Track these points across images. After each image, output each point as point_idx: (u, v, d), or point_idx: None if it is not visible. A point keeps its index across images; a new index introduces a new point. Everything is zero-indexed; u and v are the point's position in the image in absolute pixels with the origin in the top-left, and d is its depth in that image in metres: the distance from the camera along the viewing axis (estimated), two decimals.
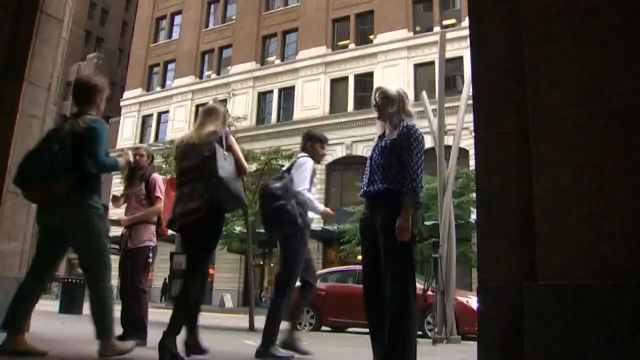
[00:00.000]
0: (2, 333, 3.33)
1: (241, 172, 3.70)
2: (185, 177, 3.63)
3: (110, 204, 4.96)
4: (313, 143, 4.54)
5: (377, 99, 3.57)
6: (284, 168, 4.37)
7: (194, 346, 3.79)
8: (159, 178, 5.08)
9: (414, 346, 3.24)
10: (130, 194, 5.02)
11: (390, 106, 3.50)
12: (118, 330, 4.67)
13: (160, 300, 25.21)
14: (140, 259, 4.82)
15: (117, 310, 3.71)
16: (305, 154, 4.33)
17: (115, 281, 5.42)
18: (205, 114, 3.90)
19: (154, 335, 4.63)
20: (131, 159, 3.98)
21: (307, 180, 4.13)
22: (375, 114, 3.70)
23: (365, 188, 3.47)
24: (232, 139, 3.79)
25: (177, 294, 3.65)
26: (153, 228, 4.96)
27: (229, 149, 3.65)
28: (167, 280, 23.99)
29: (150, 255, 4.88)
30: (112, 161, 3.49)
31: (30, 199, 3.55)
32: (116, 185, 24.52)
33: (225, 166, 3.46)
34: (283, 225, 4.01)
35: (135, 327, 4.61)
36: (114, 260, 3.77)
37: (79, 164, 3.22)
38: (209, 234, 3.59)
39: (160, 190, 4.91)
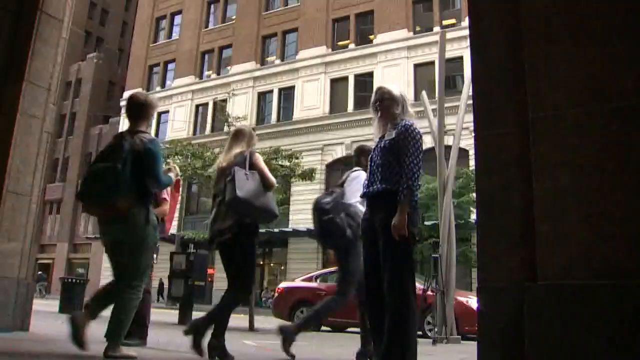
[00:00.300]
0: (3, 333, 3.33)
1: (268, 187, 3.97)
2: (219, 198, 3.95)
3: None
4: (366, 157, 4.74)
5: (382, 99, 3.55)
6: (338, 182, 4.58)
7: (218, 348, 3.88)
8: None
9: (414, 345, 3.24)
10: None
11: (395, 106, 3.51)
12: None
13: (157, 300, 25.21)
14: None
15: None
16: (359, 168, 4.46)
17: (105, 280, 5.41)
18: (232, 136, 4.27)
19: (154, 336, 4.63)
20: (178, 172, 4.29)
21: (359, 193, 4.23)
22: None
23: (365, 189, 3.48)
24: (257, 156, 4.11)
25: (222, 302, 3.95)
26: None
27: (253, 166, 3.92)
28: (161, 280, 23.98)
29: (154, 256, 4.87)
30: (168, 179, 3.74)
31: (91, 214, 3.84)
32: None
33: (245, 186, 3.76)
34: (333, 237, 4.32)
35: (138, 327, 4.61)
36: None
37: (139, 182, 3.40)
38: (243, 249, 3.91)
39: (167, 191, 4.90)
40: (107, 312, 3.39)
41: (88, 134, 39.74)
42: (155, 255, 4.88)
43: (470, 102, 3.27)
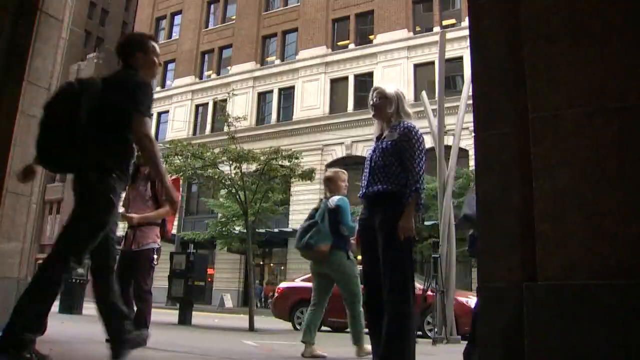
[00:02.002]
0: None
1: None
2: None
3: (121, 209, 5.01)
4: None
5: (375, 99, 3.56)
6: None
7: None
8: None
9: (413, 344, 3.24)
10: (135, 194, 4.94)
11: (388, 106, 3.50)
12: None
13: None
14: (146, 261, 4.78)
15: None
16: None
17: None
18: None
19: (154, 336, 4.63)
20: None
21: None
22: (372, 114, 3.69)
23: (364, 190, 3.48)
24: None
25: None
26: (157, 230, 4.93)
27: None
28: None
29: (155, 256, 4.86)
30: (354, 224, 4.55)
31: (305, 257, 5.14)
32: None
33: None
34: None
35: (139, 327, 4.61)
36: None
37: (334, 229, 4.88)
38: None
39: None
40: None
41: None
42: (156, 257, 4.87)
43: (470, 102, 3.27)
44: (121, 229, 5.06)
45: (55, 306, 11.56)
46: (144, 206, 4.84)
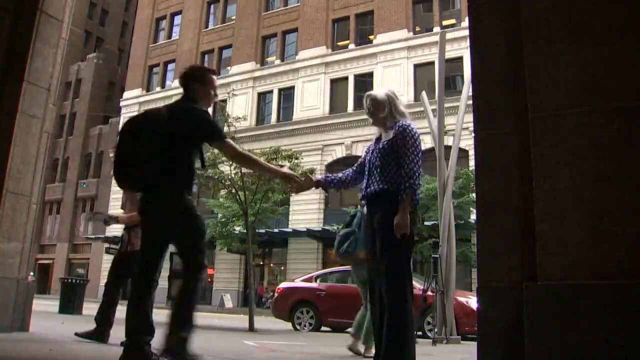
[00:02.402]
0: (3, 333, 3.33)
1: None
2: None
3: (121, 211, 5.14)
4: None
5: (369, 106, 3.58)
6: None
7: None
8: None
9: (413, 343, 3.24)
10: (127, 197, 4.95)
11: (381, 111, 3.52)
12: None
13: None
14: None
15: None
16: None
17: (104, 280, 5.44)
18: None
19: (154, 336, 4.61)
20: None
21: None
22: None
23: (364, 191, 3.50)
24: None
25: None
26: None
27: None
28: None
29: None
30: None
31: (345, 263, 5.63)
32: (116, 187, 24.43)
33: None
34: None
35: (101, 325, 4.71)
36: (108, 261, 3.86)
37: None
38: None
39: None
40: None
41: (88, 134, 39.73)
42: None
43: (470, 102, 3.27)
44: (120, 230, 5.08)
45: (55, 306, 11.56)
46: (133, 207, 4.88)
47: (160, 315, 3.35)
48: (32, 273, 31.23)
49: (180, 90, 3.41)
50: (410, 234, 3.22)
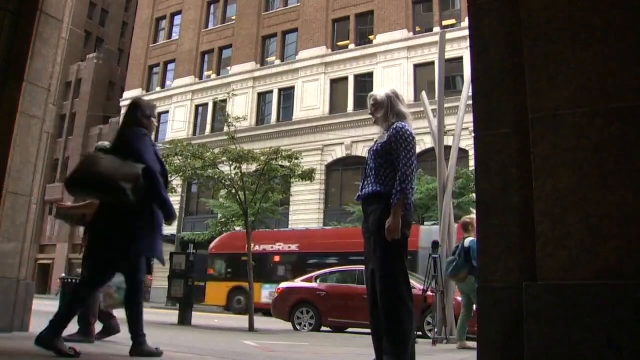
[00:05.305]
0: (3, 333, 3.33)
1: None
2: None
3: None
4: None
5: (370, 106, 3.60)
6: None
7: None
8: None
9: (412, 345, 3.24)
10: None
11: (379, 111, 3.52)
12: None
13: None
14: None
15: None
16: None
17: None
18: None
19: (155, 336, 4.62)
20: None
21: None
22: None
23: (359, 193, 3.50)
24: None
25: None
26: None
27: None
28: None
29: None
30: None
31: (452, 280, 7.52)
32: None
33: None
34: None
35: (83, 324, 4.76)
36: None
37: (468, 260, 7.01)
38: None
39: None
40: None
41: (88, 134, 39.70)
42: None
43: (470, 102, 3.27)
44: None
45: (55, 306, 11.55)
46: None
47: (161, 315, 3.35)
48: None
49: (181, 89, 3.42)
50: (403, 235, 3.21)
